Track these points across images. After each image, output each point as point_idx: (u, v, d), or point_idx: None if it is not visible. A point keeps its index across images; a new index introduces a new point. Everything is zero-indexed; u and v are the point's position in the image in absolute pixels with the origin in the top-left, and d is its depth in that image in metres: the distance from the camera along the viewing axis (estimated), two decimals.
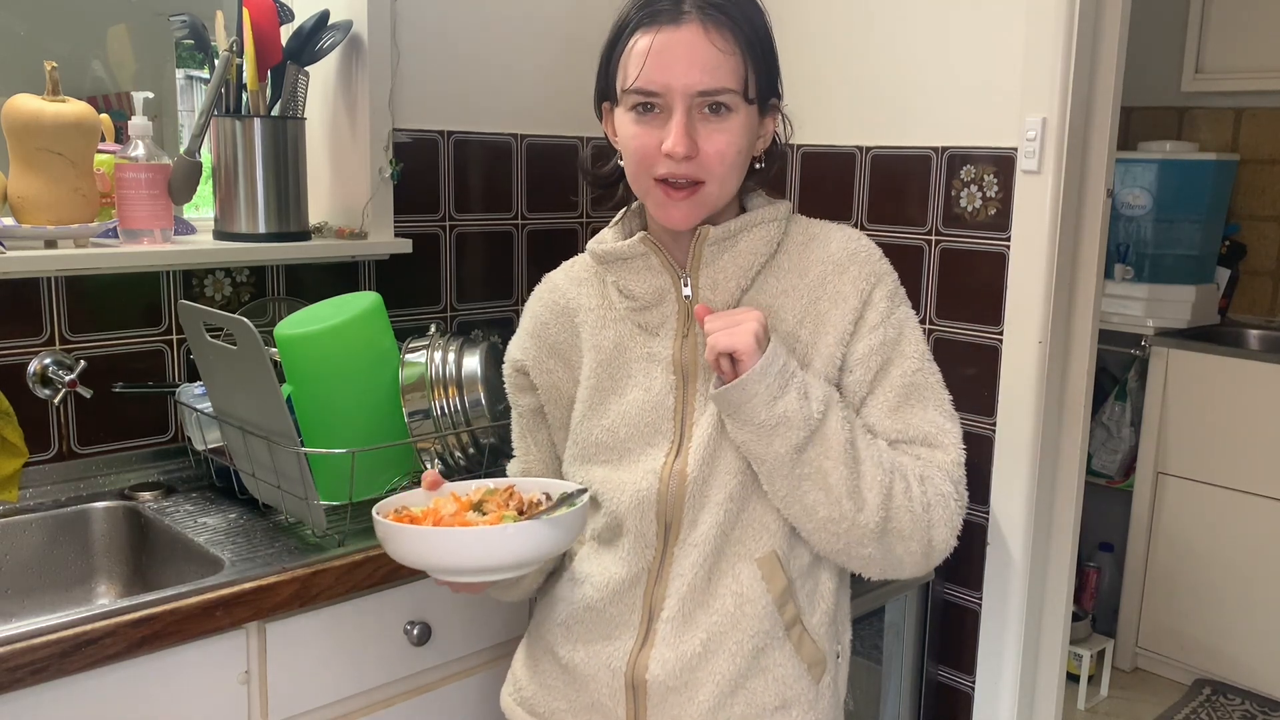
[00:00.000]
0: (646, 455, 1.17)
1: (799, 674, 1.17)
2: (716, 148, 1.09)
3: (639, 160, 1.12)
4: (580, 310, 1.24)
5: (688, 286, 1.17)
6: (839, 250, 1.18)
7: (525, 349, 1.27)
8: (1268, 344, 3.18)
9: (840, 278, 1.16)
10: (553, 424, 1.28)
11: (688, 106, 1.08)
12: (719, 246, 1.16)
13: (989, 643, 2.03)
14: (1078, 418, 1.98)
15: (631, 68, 1.10)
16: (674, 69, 1.07)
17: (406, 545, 1.06)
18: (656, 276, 1.17)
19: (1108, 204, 1.95)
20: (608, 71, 1.15)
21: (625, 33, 1.11)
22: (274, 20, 1.79)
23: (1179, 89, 3.44)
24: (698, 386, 1.17)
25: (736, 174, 1.13)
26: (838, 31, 2.10)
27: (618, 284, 1.20)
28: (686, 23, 1.07)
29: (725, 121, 1.09)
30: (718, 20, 1.07)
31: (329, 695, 1.43)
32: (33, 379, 1.63)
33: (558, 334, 1.25)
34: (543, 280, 1.31)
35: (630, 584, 1.18)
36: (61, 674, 1.18)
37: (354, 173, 1.98)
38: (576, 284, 1.25)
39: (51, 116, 1.59)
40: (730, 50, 1.08)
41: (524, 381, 1.28)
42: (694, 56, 1.07)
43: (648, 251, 1.17)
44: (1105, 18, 1.88)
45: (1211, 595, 3.00)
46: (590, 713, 1.21)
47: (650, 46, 1.08)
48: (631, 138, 1.12)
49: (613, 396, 1.20)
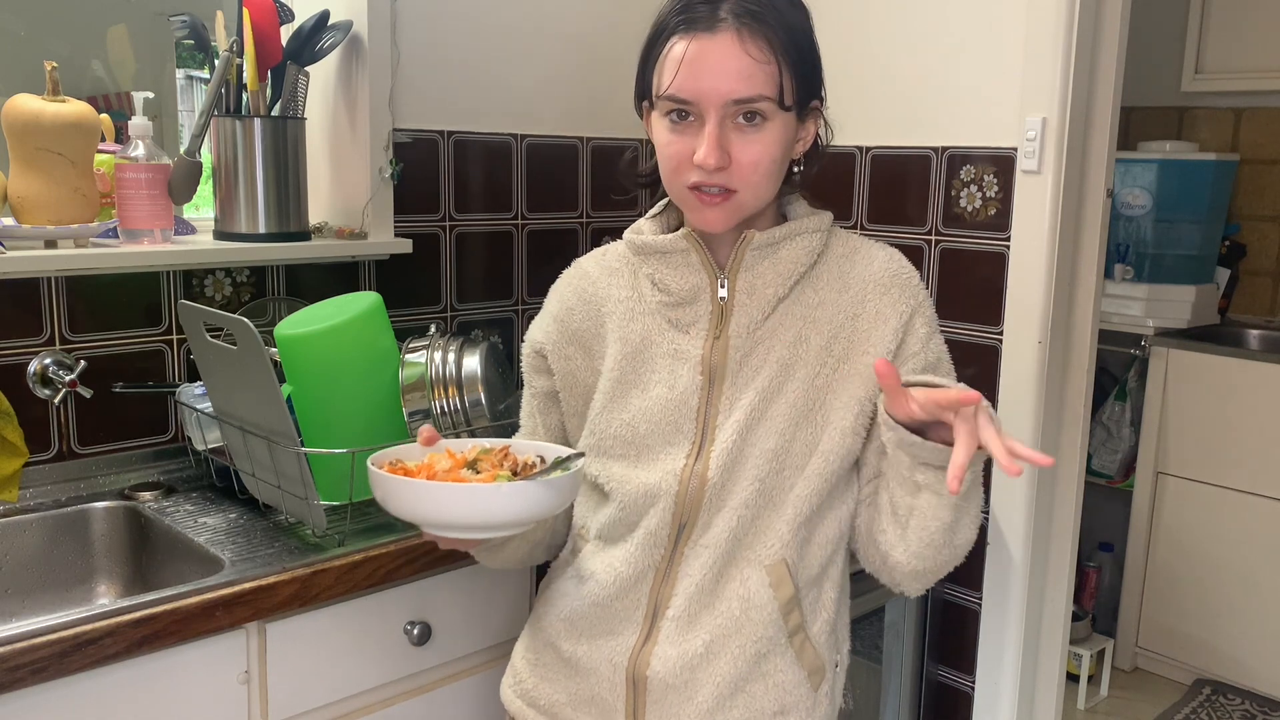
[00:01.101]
0: (666, 454, 1.16)
1: (798, 681, 1.17)
2: (750, 157, 1.09)
3: (673, 168, 1.12)
4: (609, 300, 1.23)
5: (724, 288, 1.16)
6: (882, 271, 1.18)
7: (547, 332, 1.26)
8: (1268, 344, 3.18)
9: (882, 298, 1.16)
10: (566, 411, 1.28)
11: (721, 116, 1.07)
12: (761, 252, 1.15)
13: (989, 643, 2.03)
14: (1078, 418, 1.98)
15: (666, 74, 1.09)
16: (708, 78, 1.06)
17: (400, 497, 1.07)
18: (694, 274, 1.17)
19: (1108, 204, 1.95)
20: (645, 73, 1.14)
21: (663, 36, 1.11)
22: (274, 20, 1.79)
23: (1179, 89, 3.44)
24: (724, 389, 1.16)
25: (772, 181, 1.13)
26: (837, 31, 2.10)
27: (652, 276, 1.19)
28: (722, 30, 1.06)
29: (759, 130, 1.08)
30: (753, 28, 1.06)
31: (329, 695, 1.43)
32: (33, 379, 1.63)
33: (582, 321, 1.24)
34: (572, 265, 1.30)
35: (636, 580, 1.18)
36: (61, 674, 1.18)
37: (354, 173, 1.98)
38: (608, 273, 1.25)
39: (51, 116, 1.59)
40: (766, 59, 1.06)
41: (541, 364, 1.27)
42: (728, 65, 1.06)
43: (689, 248, 1.16)
44: (1105, 18, 1.88)
45: (1211, 595, 3.00)
46: (590, 705, 1.21)
47: (685, 54, 1.07)
48: (665, 145, 1.12)
49: (635, 390, 1.19)
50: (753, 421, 1.14)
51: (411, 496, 1.06)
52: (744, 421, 1.14)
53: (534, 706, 1.27)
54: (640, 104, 1.18)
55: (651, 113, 1.15)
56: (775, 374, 1.15)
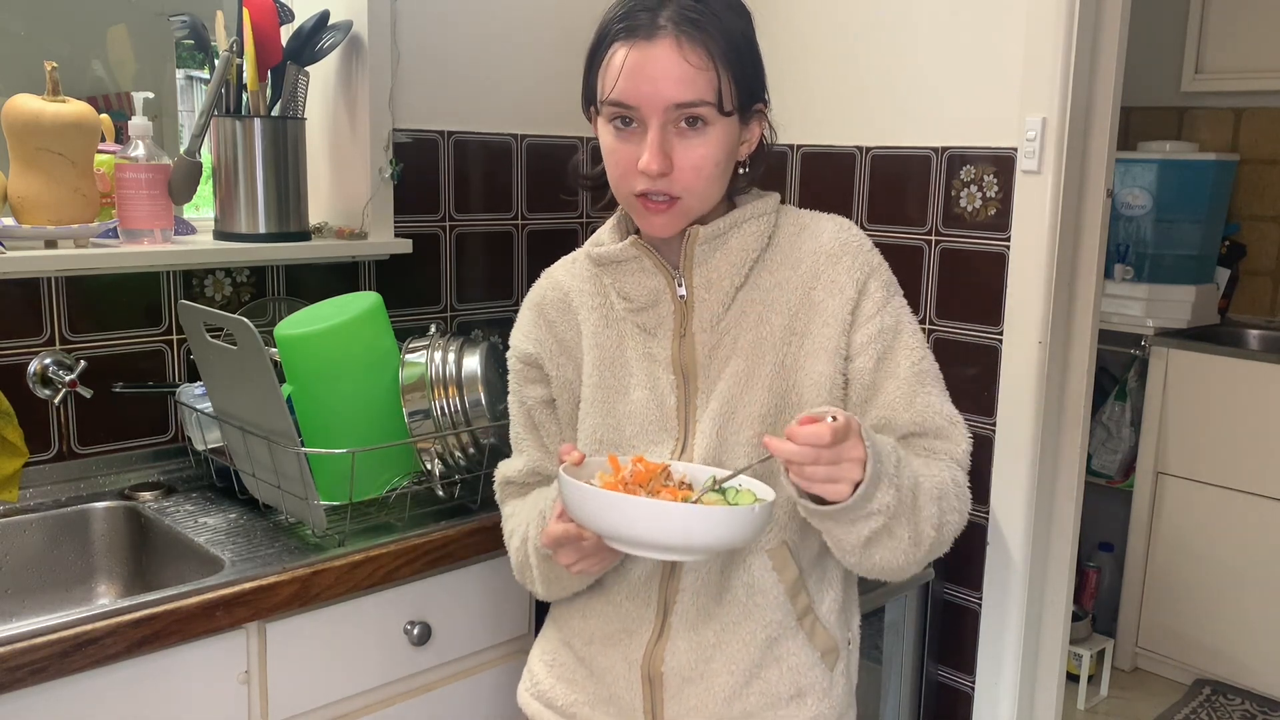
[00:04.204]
0: (652, 454, 1.17)
1: (812, 662, 1.18)
2: (692, 162, 1.09)
3: (619, 175, 1.13)
4: (582, 309, 1.24)
5: (682, 287, 1.17)
6: (831, 241, 1.18)
7: (540, 341, 1.26)
8: (1268, 344, 3.18)
9: (834, 268, 1.17)
10: (561, 418, 1.28)
11: (663, 121, 1.08)
12: (710, 246, 1.16)
13: (989, 643, 2.03)
14: (1078, 418, 1.98)
15: (609, 80, 1.10)
16: (648, 84, 1.07)
17: (634, 516, 1.00)
18: (650, 278, 1.18)
19: (1108, 204, 1.95)
20: (589, 79, 1.16)
21: (605, 43, 1.12)
22: (274, 20, 1.80)
23: (1179, 89, 3.44)
24: (699, 385, 1.18)
25: (716, 185, 1.13)
26: (838, 31, 2.10)
27: (613, 286, 1.21)
28: (661, 38, 1.07)
29: (701, 135, 1.09)
30: (692, 35, 1.07)
31: (329, 695, 1.43)
32: (33, 379, 1.63)
33: (564, 330, 1.25)
34: (543, 275, 1.30)
35: (645, 580, 1.19)
36: (61, 674, 1.18)
37: (354, 173, 1.98)
38: (579, 282, 1.26)
39: (51, 116, 1.59)
40: (704, 65, 1.07)
41: (535, 374, 1.27)
42: (667, 72, 1.07)
43: (639, 254, 1.17)
44: (1105, 18, 1.88)
45: (1211, 595, 2.99)
46: (608, 705, 1.23)
47: (626, 61, 1.08)
48: (610, 152, 1.13)
49: (616, 395, 1.20)
50: (729, 413, 1.15)
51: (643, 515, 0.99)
52: (720, 413, 1.15)
53: (551, 708, 1.28)
54: (587, 109, 1.19)
55: (598, 118, 1.16)
56: (744, 363, 1.16)
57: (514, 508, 1.31)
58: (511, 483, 1.32)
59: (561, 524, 1.10)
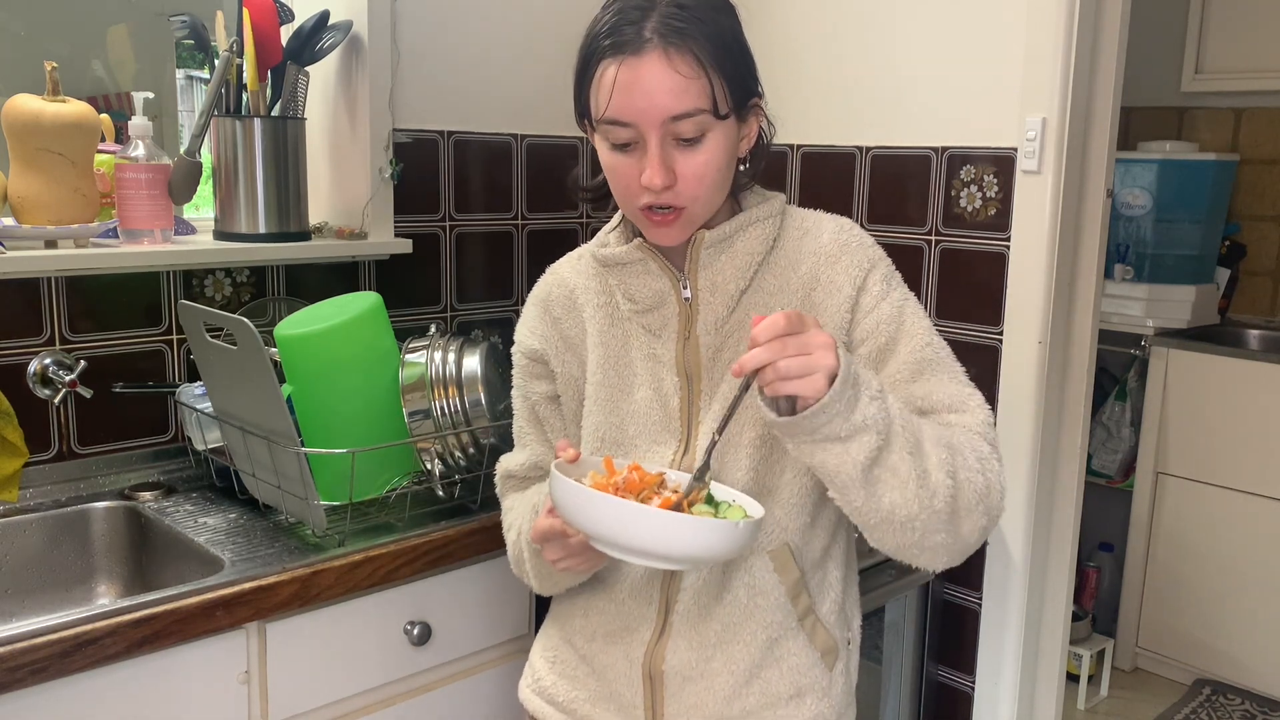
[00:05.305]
0: (654, 454, 1.18)
1: (812, 662, 1.19)
2: (694, 171, 1.09)
3: (622, 192, 1.13)
4: (588, 306, 1.24)
5: (687, 289, 1.18)
6: (830, 242, 1.18)
7: (545, 336, 1.26)
8: (1268, 344, 3.18)
9: (832, 269, 1.16)
10: (566, 415, 1.28)
11: (661, 135, 1.08)
12: (716, 249, 1.16)
13: (989, 643, 2.03)
14: (1078, 418, 1.98)
15: (601, 98, 1.10)
16: (642, 99, 1.06)
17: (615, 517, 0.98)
18: (655, 280, 1.18)
19: (1108, 204, 1.95)
20: (581, 94, 1.15)
21: (593, 60, 1.11)
22: (274, 20, 1.80)
23: (1179, 89, 3.44)
24: (701, 387, 1.18)
25: (719, 189, 1.13)
26: (837, 31, 2.10)
27: (619, 287, 1.21)
28: (648, 51, 1.06)
29: (700, 143, 1.09)
30: (679, 45, 1.06)
31: (329, 695, 1.43)
32: (33, 379, 1.63)
33: (569, 327, 1.25)
34: (549, 271, 1.30)
35: (647, 579, 1.20)
36: (61, 674, 1.18)
37: (354, 173, 1.98)
38: (585, 279, 1.26)
39: (51, 116, 1.59)
40: (695, 73, 1.06)
41: (540, 369, 1.27)
42: (659, 84, 1.06)
43: (645, 257, 1.18)
44: (1105, 18, 1.88)
45: (1211, 595, 3.00)
46: (608, 702, 1.23)
47: (616, 78, 1.07)
48: (611, 168, 1.12)
49: (620, 394, 1.21)
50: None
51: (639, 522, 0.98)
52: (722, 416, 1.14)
53: (553, 704, 1.28)
54: (581, 122, 1.18)
55: (594, 132, 1.15)
56: None
57: (513, 501, 1.32)
58: (513, 476, 1.32)
59: (549, 519, 1.10)
